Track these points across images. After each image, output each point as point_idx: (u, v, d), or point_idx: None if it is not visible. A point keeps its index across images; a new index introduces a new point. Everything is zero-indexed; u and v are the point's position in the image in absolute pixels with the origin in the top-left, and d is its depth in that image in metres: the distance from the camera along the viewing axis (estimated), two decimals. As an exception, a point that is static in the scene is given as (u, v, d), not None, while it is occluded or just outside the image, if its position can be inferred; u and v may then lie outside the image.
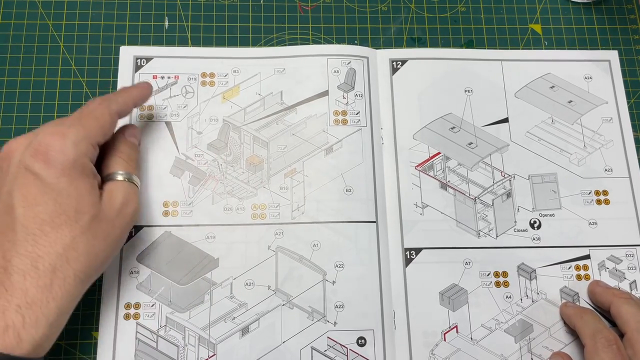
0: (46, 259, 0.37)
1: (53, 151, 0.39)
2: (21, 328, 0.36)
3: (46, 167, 0.38)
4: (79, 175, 0.40)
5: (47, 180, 0.38)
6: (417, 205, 0.52)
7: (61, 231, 0.38)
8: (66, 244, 0.38)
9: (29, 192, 0.38)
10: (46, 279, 0.37)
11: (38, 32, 0.55)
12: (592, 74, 0.56)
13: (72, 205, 0.39)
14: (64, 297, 0.38)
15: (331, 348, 0.47)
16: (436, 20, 0.59)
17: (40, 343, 0.37)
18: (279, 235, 0.50)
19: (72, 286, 0.38)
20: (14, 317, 0.36)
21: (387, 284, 0.49)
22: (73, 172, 0.39)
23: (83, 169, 0.40)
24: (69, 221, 0.38)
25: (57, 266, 0.38)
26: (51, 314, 0.37)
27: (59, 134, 0.40)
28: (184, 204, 0.50)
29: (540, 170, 0.53)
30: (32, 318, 0.36)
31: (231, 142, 0.52)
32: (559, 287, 0.50)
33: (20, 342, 0.35)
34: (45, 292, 0.37)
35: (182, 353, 0.47)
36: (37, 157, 0.39)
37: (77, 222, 0.39)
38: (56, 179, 0.39)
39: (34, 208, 0.38)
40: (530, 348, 0.48)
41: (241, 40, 0.56)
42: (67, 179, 0.39)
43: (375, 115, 0.54)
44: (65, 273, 0.38)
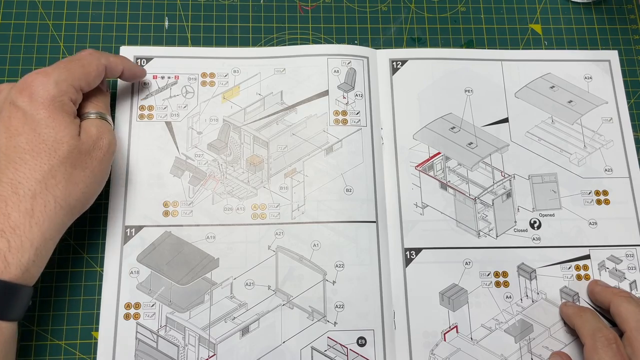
0: (25, 184, 0.40)
1: (35, 87, 0.42)
2: (7, 252, 0.38)
3: (29, 100, 0.41)
4: (58, 110, 0.42)
5: (29, 112, 0.41)
6: (417, 205, 0.52)
7: (40, 159, 0.41)
8: (44, 171, 0.40)
9: (11, 123, 0.41)
10: (27, 203, 0.39)
11: (38, 32, 0.55)
12: (592, 74, 0.56)
13: (51, 135, 0.41)
14: (46, 222, 0.40)
15: (331, 348, 0.47)
16: (436, 20, 0.59)
17: (27, 267, 0.39)
18: (279, 235, 0.50)
19: (53, 212, 0.40)
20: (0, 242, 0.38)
21: (387, 284, 0.49)
22: (52, 106, 0.42)
23: (62, 105, 0.42)
24: (48, 150, 0.41)
25: (36, 192, 0.40)
26: (35, 238, 0.39)
27: (43, 73, 0.42)
28: (184, 204, 0.50)
29: (540, 170, 0.53)
30: (17, 242, 0.38)
31: (231, 142, 0.52)
32: (559, 287, 0.50)
33: (7, 266, 0.38)
34: (27, 217, 0.39)
35: (182, 353, 0.47)
36: (22, 93, 0.42)
37: (55, 151, 0.41)
38: (37, 111, 0.41)
39: (16, 138, 0.41)
40: (530, 348, 0.49)
41: (241, 40, 0.56)
42: (47, 112, 0.41)
43: (375, 115, 0.54)
44: (45, 199, 0.40)
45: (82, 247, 0.49)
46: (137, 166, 0.51)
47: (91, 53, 0.46)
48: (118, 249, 0.49)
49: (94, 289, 0.48)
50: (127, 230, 0.49)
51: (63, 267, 0.48)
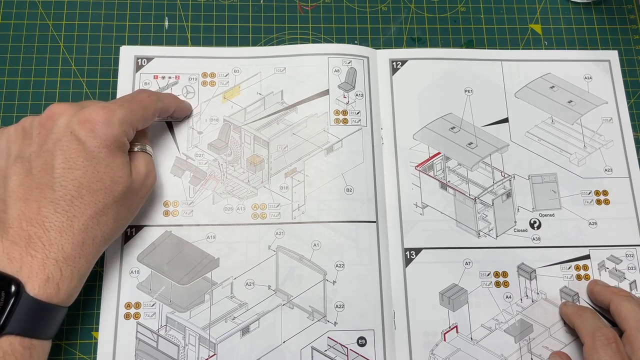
0: (80, 218, 0.40)
1: (100, 123, 0.42)
2: (59, 279, 0.39)
3: (92, 136, 0.41)
4: (117, 150, 0.43)
5: (90, 148, 0.41)
6: (417, 205, 0.52)
7: (96, 196, 0.41)
8: (98, 209, 0.41)
9: (71, 155, 0.41)
10: (79, 237, 0.40)
11: (38, 32, 0.55)
12: (592, 74, 0.57)
13: (109, 175, 0.42)
14: (92, 254, 0.42)
15: (331, 348, 0.47)
16: (436, 20, 0.59)
17: (72, 293, 0.41)
18: (280, 235, 0.50)
19: (99, 245, 0.42)
20: (53, 270, 0.39)
21: (387, 284, 0.49)
22: (113, 147, 0.42)
23: (122, 146, 0.43)
24: (105, 189, 0.42)
25: (88, 226, 0.41)
26: (82, 268, 0.41)
27: (108, 109, 0.42)
28: (185, 204, 0.50)
29: (540, 171, 0.53)
30: (67, 271, 0.40)
31: (232, 141, 0.52)
32: (559, 287, 0.50)
33: (58, 292, 0.39)
34: (78, 249, 0.40)
35: (183, 353, 0.47)
36: (84, 125, 0.41)
37: (111, 191, 0.42)
38: (98, 149, 0.41)
39: (74, 171, 0.41)
40: (530, 348, 0.49)
41: (241, 41, 0.56)
42: (108, 151, 0.42)
43: (376, 115, 0.54)
44: (95, 234, 0.41)
45: (83, 247, 0.49)
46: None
47: (149, 96, 0.47)
48: (118, 248, 0.49)
49: (94, 289, 0.48)
50: (127, 229, 0.49)
51: (63, 267, 0.48)
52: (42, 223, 0.39)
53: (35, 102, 0.53)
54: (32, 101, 0.53)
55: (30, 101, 0.53)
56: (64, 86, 0.54)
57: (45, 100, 0.53)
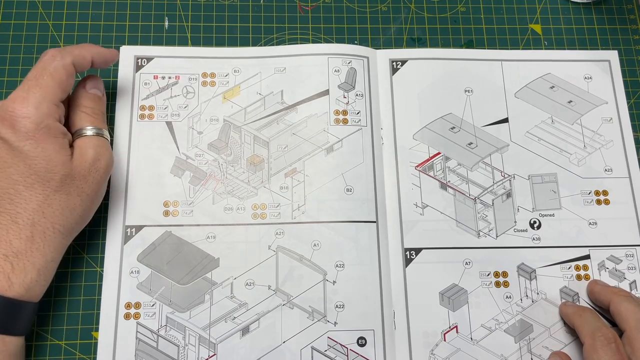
0: (24, 214, 0.41)
1: (17, 116, 0.41)
2: (10, 273, 0.39)
3: (12, 132, 0.41)
4: (45, 137, 0.41)
5: (15, 144, 0.41)
6: (417, 205, 0.52)
7: (34, 190, 0.41)
8: (40, 201, 0.41)
9: (0, 156, 0.41)
10: (27, 231, 0.40)
11: (38, 32, 0.55)
12: (592, 74, 0.57)
13: (42, 165, 0.41)
14: (47, 246, 0.41)
15: (331, 348, 0.47)
16: (436, 21, 0.59)
17: (31, 286, 0.40)
18: (280, 235, 0.50)
19: (52, 237, 0.42)
20: (3, 264, 0.39)
21: (387, 284, 0.49)
22: (38, 134, 0.41)
23: (49, 129, 0.42)
24: (41, 180, 0.41)
25: (35, 220, 0.41)
26: (37, 261, 0.41)
27: (21, 98, 0.41)
28: (185, 204, 0.50)
29: (540, 171, 0.53)
30: (19, 265, 0.40)
31: (232, 141, 0.52)
32: (559, 287, 0.50)
33: (11, 285, 0.39)
34: (29, 243, 0.40)
35: (183, 353, 0.47)
36: (4, 123, 0.41)
37: (48, 181, 0.41)
38: (22, 142, 0.41)
39: (6, 170, 0.41)
40: (530, 348, 0.49)
41: (241, 41, 0.56)
42: (33, 141, 0.41)
43: (376, 115, 0.54)
44: (43, 226, 0.41)
45: (82, 247, 0.49)
46: (137, 166, 0.51)
47: (53, 55, 0.43)
48: (118, 248, 0.49)
49: (94, 289, 0.48)
50: (127, 230, 0.49)
51: (63, 267, 0.48)
52: None
53: (35, 102, 0.53)
54: (32, 101, 0.53)
55: (30, 101, 0.53)
56: (64, 86, 0.54)
57: (45, 100, 0.53)
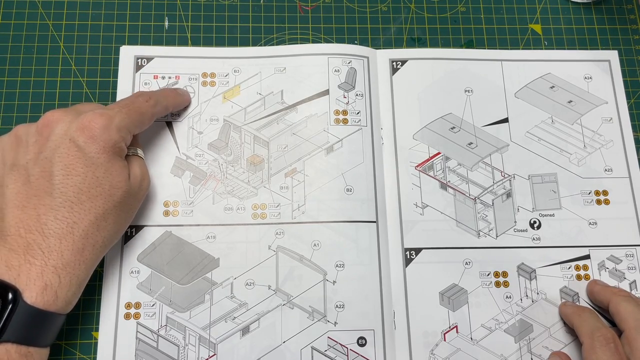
0: (80, 225, 0.40)
1: (99, 129, 0.42)
2: (58, 287, 0.39)
3: (91, 142, 0.41)
4: (116, 156, 0.43)
5: (90, 154, 0.41)
6: (417, 205, 0.52)
7: (96, 202, 0.41)
8: (98, 214, 0.41)
9: (70, 162, 0.41)
10: (79, 243, 0.40)
11: (38, 32, 0.55)
12: (592, 74, 0.57)
13: (108, 180, 0.42)
14: (92, 260, 0.42)
15: (331, 348, 0.47)
16: (436, 21, 0.59)
17: (71, 300, 0.41)
18: (280, 235, 0.50)
19: (99, 251, 0.42)
20: (52, 278, 0.39)
21: (387, 284, 0.49)
22: (112, 152, 0.42)
23: (120, 151, 0.44)
24: (104, 194, 0.42)
25: (89, 233, 0.41)
26: (81, 275, 0.41)
27: (107, 116, 0.42)
28: (185, 204, 0.50)
29: (540, 171, 0.53)
30: (66, 279, 0.39)
31: (232, 141, 0.52)
32: (559, 287, 0.50)
33: (56, 300, 0.39)
34: (78, 256, 0.40)
35: (183, 353, 0.47)
36: (83, 132, 0.41)
37: (111, 196, 0.42)
38: (97, 155, 0.41)
39: (74, 177, 0.41)
40: (530, 348, 0.49)
41: (241, 41, 0.56)
42: (107, 157, 0.42)
43: (376, 115, 0.54)
44: (95, 239, 0.41)
45: (83, 247, 0.49)
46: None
47: (147, 100, 0.46)
48: (118, 248, 0.49)
49: (94, 289, 0.48)
50: (127, 230, 0.49)
51: (63, 267, 0.48)
52: (42, 230, 0.39)
53: (35, 102, 0.53)
54: (32, 101, 0.53)
55: (30, 101, 0.53)
56: (64, 86, 0.54)
57: (45, 101, 0.53)
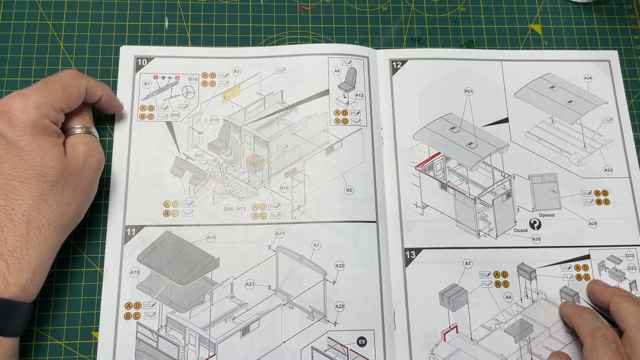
0: (19, 210, 0.40)
1: (15, 111, 0.41)
2: (6, 272, 0.39)
3: (9, 126, 0.41)
4: (40, 134, 0.42)
5: (11, 138, 0.41)
6: (417, 205, 0.52)
7: (29, 185, 0.41)
8: (36, 197, 0.41)
9: None
10: (22, 229, 0.40)
11: (38, 32, 0.55)
12: (592, 74, 0.57)
13: (38, 161, 0.41)
14: (42, 244, 0.41)
15: (331, 348, 0.47)
16: (436, 21, 0.59)
17: (26, 286, 0.40)
18: (280, 235, 0.50)
19: (47, 234, 0.41)
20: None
21: (387, 284, 0.49)
22: (34, 131, 0.41)
23: (45, 128, 0.42)
24: (36, 175, 0.41)
25: (30, 217, 0.40)
26: (32, 260, 0.40)
27: (22, 95, 0.42)
28: (185, 204, 0.50)
29: (540, 171, 0.53)
30: (15, 264, 0.39)
31: (232, 141, 0.52)
32: (559, 287, 0.50)
33: (7, 286, 0.39)
34: (24, 241, 0.40)
35: (183, 353, 0.47)
36: (1, 118, 0.41)
37: (44, 176, 0.41)
38: (19, 137, 0.41)
39: (2, 165, 0.41)
40: (530, 348, 0.49)
41: (241, 41, 0.56)
42: (30, 137, 0.41)
43: (376, 115, 0.54)
44: (39, 222, 0.41)
45: (82, 247, 0.49)
46: (137, 166, 0.51)
47: (72, 74, 0.46)
48: (118, 248, 0.49)
49: (94, 289, 0.48)
50: (127, 230, 0.49)
51: (63, 267, 0.48)
52: None
53: (35, 102, 0.53)
54: (32, 101, 0.53)
55: (30, 101, 0.53)
56: (64, 86, 0.54)
57: (45, 100, 0.53)
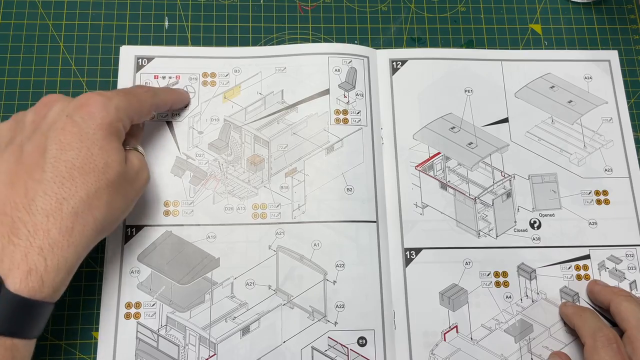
0: (70, 202, 0.38)
1: (96, 107, 0.41)
2: (43, 272, 0.36)
3: (88, 117, 0.41)
4: (113, 135, 0.42)
5: (86, 130, 0.40)
6: (417, 205, 0.52)
7: (88, 178, 0.39)
8: (90, 192, 0.39)
9: (65, 137, 0.40)
10: (68, 222, 0.38)
11: (38, 32, 0.55)
12: (592, 74, 0.57)
13: (103, 157, 0.40)
14: (82, 243, 0.39)
15: (332, 348, 0.47)
16: (436, 21, 0.59)
17: (59, 287, 0.38)
18: (280, 234, 0.50)
19: (90, 233, 0.39)
20: (37, 260, 0.36)
21: (388, 284, 0.49)
22: (109, 130, 0.41)
23: (117, 131, 0.43)
24: (97, 171, 0.40)
25: (79, 211, 0.38)
26: (70, 259, 0.38)
27: (105, 96, 0.42)
28: (185, 204, 0.50)
29: (540, 170, 0.53)
30: (53, 261, 0.37)
31: (232, 141, 0.52)
32: (559, 287, 0.50)
33: (42, 286, 0.36)
34: (66, 236, 0.38)
35: (183, 353, 0.47)
36: (81, 109, 0.41)
37: (104, 173, 0.40)
38: (94, 131, 0.41)
39: (68, 152, 0.39)
40: (530, 348, 0.49)
41: (241, 41, 0.56)
42: (103, 134, 0.41)
43: (376, 115, 0.54)
44: (86, 219, 0.39)
45: (83, 247, 0.49)
46: None
47: (147, 91, 0.47)
48: (118, 248, 0.49)
49: (94, 289, 0.48)
50: (127, 229, 0.49)
51: (63, 267, 0.48)
52: (28, 206, 0.37)
53: (35, 102, 0.53)
54: (32, 101, 0.53)
55: (30, 101, 0.53)
56: (64, 86, 0.54)
57: (45, 100, 0.53)
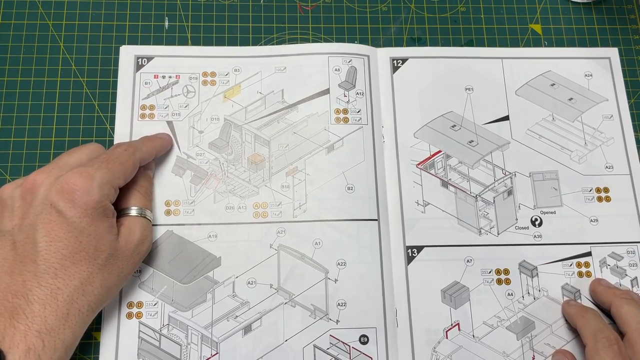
0: (65, 291, 0.40)
1: (79, 191, 0.41)
2: (41, 351, 0.38)
3: (71, 206, 0.41)
4: (99, 216, 0.42)
5: (71, 219, 0.40)
6: (418, 203, 0.52)
7: (80, 266, 0.41)
8: (83, 279, 0.41)
9: (52, 228, 0.40)
10: (64, 309, 0.40)
11: (38, 32, 0.55)
12: (593, 71, 0.57)
13: (92, 243, 0.41)
14: (78, 325, 0.41)
15: (334, 346, 0.47)
16: (436, 21, 0.59)
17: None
18: (281, 233, 0.50)
19: (85, 315, 0.41)
20: (35, 341, 0.38)
21: (389, 282, 0.49)
22: (95, 213, 0.41)
23: (104, 210, 0.42)
24: (88, 258, 0.41)
25: (74, 298, 0.40)
26: (67, 339, 0.40)
27: (86, 174, 0.42)
28: (186, 203, 0.50)
29: (541, 168, 0.53)
30: (50, 343, 0.39)
31: (232, 141, 0.52)
32: (561, 284, 0.50)
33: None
34: (63, 321, 0.39)
35: (185, 352, 0.47)
36: (63, 196, 0.41)
37: (95, 259, 0.41)
38: (79, 219, 0.41)
39: (56, 244, 0.40)
40: (532, 345, 0.49)
41: (241, 41, 0.56)
42: (89, 219, 0.41)
43: (377, 114, 0.54)
44: (80, 304, 0.41)
45: (84, 247, 0.49)
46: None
47: (126, 149, 0.46)
48: (119, 248, 0.49)
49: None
50: (128, 229, 0.49)
51: (64, 267, 0.48)
52: (26, 296, 0.39)
53: (36, 102, 0.53)
54: (32, 101, 0.53)
55: (30, 101, 0.53)
56: (64, 86, 0.54)
57: (45, 101, 0.53)
